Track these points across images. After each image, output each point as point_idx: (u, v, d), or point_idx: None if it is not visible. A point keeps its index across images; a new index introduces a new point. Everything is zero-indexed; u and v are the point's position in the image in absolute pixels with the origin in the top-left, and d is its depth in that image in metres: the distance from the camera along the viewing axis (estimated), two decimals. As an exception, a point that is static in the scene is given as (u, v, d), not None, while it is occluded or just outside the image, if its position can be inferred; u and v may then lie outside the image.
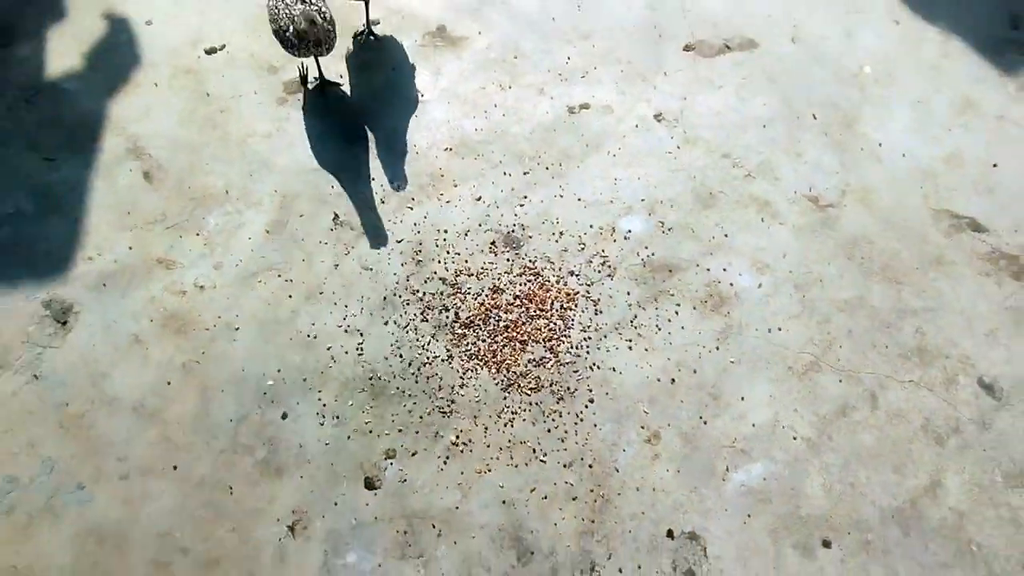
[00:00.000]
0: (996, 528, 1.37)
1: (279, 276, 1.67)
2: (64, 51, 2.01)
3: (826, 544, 1.37)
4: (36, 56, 2.00)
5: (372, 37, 2.03)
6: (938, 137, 1.84)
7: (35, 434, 1.49)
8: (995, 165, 1.79)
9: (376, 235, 1.71)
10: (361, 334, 1.59)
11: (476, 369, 1.54)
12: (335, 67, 1.97)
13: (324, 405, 1.52)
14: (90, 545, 1.39)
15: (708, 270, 1.65)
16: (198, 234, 1.74)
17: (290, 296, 1.65)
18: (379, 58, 2.00)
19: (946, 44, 2.00)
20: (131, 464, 1.46)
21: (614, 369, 1.54)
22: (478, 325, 1.59)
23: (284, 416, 1.50)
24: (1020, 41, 2.00)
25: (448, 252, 1.69)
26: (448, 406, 1.51)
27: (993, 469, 1.43)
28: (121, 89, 1.96)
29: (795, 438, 1.46)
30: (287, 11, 1.69)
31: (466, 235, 1.71)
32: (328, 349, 1.58)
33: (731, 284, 1.63)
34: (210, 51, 2.02)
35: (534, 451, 1.46)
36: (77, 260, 1.70)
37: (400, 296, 1.64)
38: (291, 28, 1.68)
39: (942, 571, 1.33)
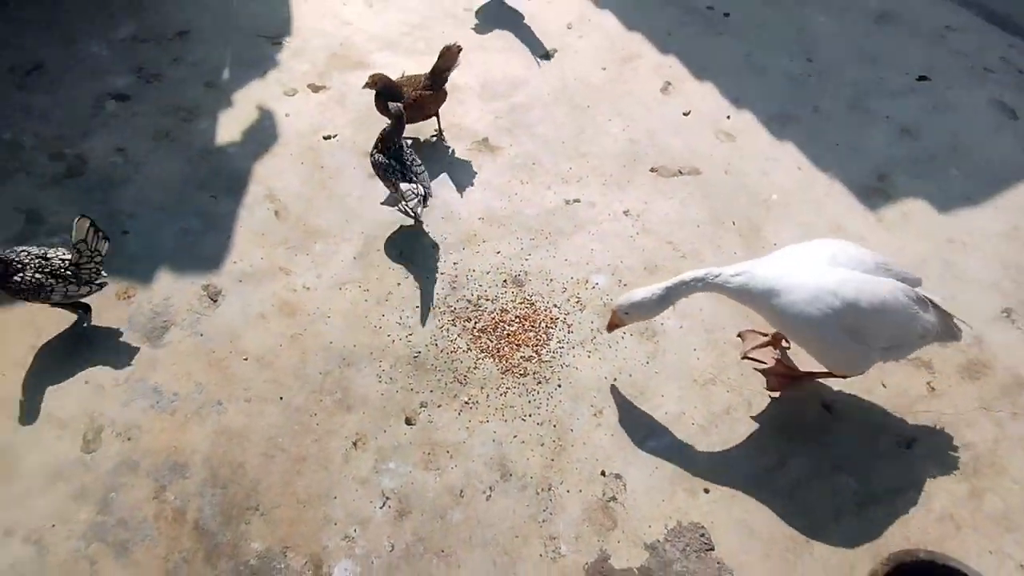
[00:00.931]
0: (819, 495, 2.05)
1: (359, 287, 2.49)
2: (229, 127, 2.96)
3: (706, 491, 2.05)
4: (210, 128, 2.96)
5: (442, 140, 2.97)
6: (815, 245, 2.68)
7: (191, 368, 2.25)
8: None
9: (427, 268, 2.54)
10: (411, 328, 2.38)
11: (485, 359, 2.31)
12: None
13: (383, 370, 2.27)
14: (222, 439, 2.11)
15: (647, 312, 2.44)
16: (307, 254, 2.57)
17: (366, 300, 2.45)
18: (441, 154, 2.93)
19: (830, 186, 2.90)
20: (252, 393, 2.21)
21: (577, 368, 2.30)
22: (489, 331, 2.37)
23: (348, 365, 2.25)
24: (882, 189, 2.89)
25: (475, 283, 2.51)
26: (464, 379, 2.26)
27: (824, 459, 2.13)
28: (264, 156, 2.88)
29: (692, 424, 2.19)
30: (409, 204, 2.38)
31: (487, 274, 2.54)
32: (388, 336, 2.36)
33: (661, 324, 2.42)
34: (327, 137, 2.96)
35: (518, 413, 2.19)
36: (226, 262, 2.53)
37: (440, 308, 2.44)
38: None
39: (777, 516, 2.00)
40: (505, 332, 2.37)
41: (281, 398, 2.20)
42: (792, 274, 1.89)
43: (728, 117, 3.13)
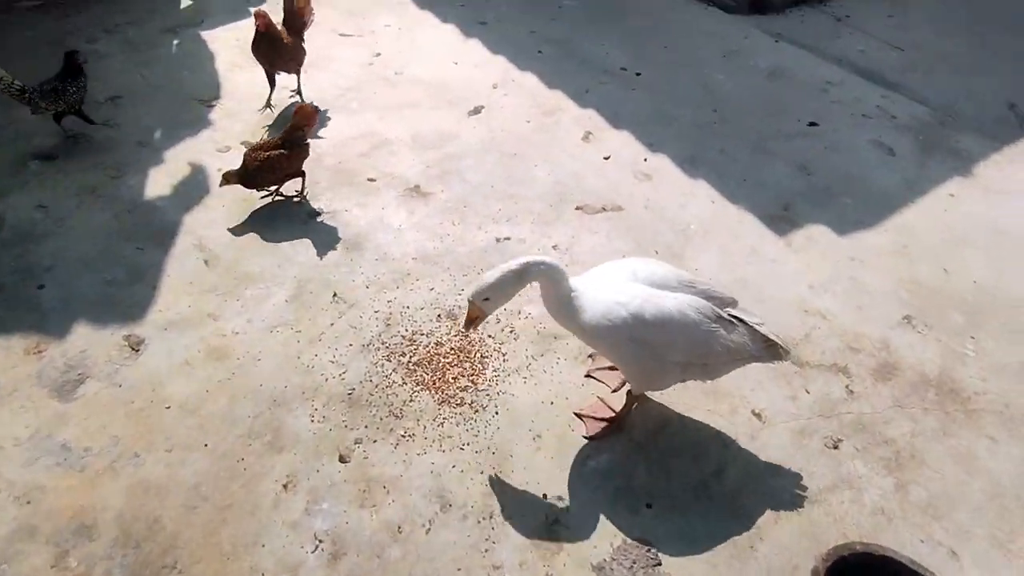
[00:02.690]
0: (758, 499, 2.08)
1: (292, 328, 2.45)
2: (159, 182, 2.95)
3: (648, 506, 2.05)
4: (139, 184, 2.94)
5: (303, 199, 3.03)
6: (732, 269, 2.84)
7: (106, 421, 2.13)
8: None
9: (361, 307, 2.54)
10: (344, 367, 2.34)
11: (421, 391, 2.28)
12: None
13: (316, 409, 2.21)
14: (137, 493, 1.97)
15: (580, 338, 2.50)
16: (238, 300, 2.53)
17: (298, 341, 2.41)
18: (373, 201, 3.00)
19: (741, 215, 3.12)
20: (174, 442, 2.09)
21: (514, 395, 2.30)
22: (425, 364, 2.36)
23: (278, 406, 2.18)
24: (788, 217, 3.13)
25: (409, 319, 2.51)
26: (400, 413, 2.22)
27: (759, 464, 2.18)
28: (195, 207, 2.87)
29: (631, 441, 2.20)
30: None
31: (421, 309, 2.55)
32: (321, 375, 2.31)
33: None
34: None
35: (456, 443, 2.15)
36: (151, 312, 2.46)
37: (374, 345, 2.42)
38: None
39: (719, 523, 2.01)
40: (440, 364, 2.36)
41: (206, 445, 2.10)
42: (594, 292, 1.93)
43: (645, 160, 3.37)
